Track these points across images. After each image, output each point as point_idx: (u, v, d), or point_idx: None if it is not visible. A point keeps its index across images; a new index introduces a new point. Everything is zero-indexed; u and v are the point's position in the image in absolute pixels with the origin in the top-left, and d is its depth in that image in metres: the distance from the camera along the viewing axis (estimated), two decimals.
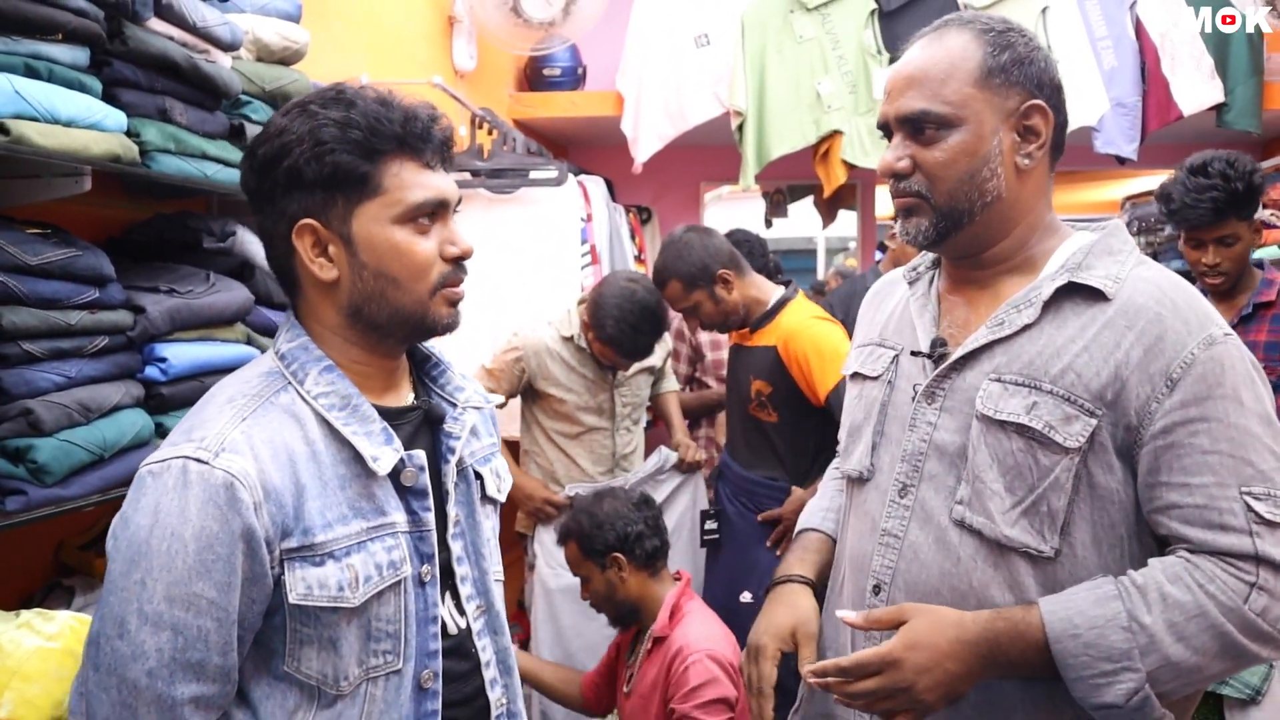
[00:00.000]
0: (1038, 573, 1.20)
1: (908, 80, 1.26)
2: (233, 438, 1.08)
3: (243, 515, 1.05)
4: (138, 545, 1.04)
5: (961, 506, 1.23)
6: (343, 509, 1.12)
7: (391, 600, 1.15)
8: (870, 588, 1.30)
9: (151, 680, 1.03)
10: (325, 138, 1.11)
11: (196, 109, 1.68)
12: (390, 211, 1.14)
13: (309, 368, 1.16)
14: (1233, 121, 3.82)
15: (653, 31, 4.08)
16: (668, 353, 3.34)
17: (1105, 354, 1.18)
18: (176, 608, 1.03)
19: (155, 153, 1.56)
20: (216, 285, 1.71)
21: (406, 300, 1.16)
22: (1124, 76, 3.82)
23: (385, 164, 1.13)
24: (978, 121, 1.24)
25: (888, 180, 1.31)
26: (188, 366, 1.62)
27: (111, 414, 1.46)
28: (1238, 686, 1.83)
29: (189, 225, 1.81)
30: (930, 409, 1.28)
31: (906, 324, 1.38)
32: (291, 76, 1.96)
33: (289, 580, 1.09)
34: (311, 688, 1.12)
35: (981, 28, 1.27)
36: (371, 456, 1.14)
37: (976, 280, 1.33)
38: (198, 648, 1.04)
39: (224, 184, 1.72)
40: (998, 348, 1.24)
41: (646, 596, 2.35)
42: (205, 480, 1.04)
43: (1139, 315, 1.19)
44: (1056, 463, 1.18)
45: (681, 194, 5.07)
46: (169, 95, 1.61)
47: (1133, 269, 1.24)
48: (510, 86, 4.34)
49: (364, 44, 2.92)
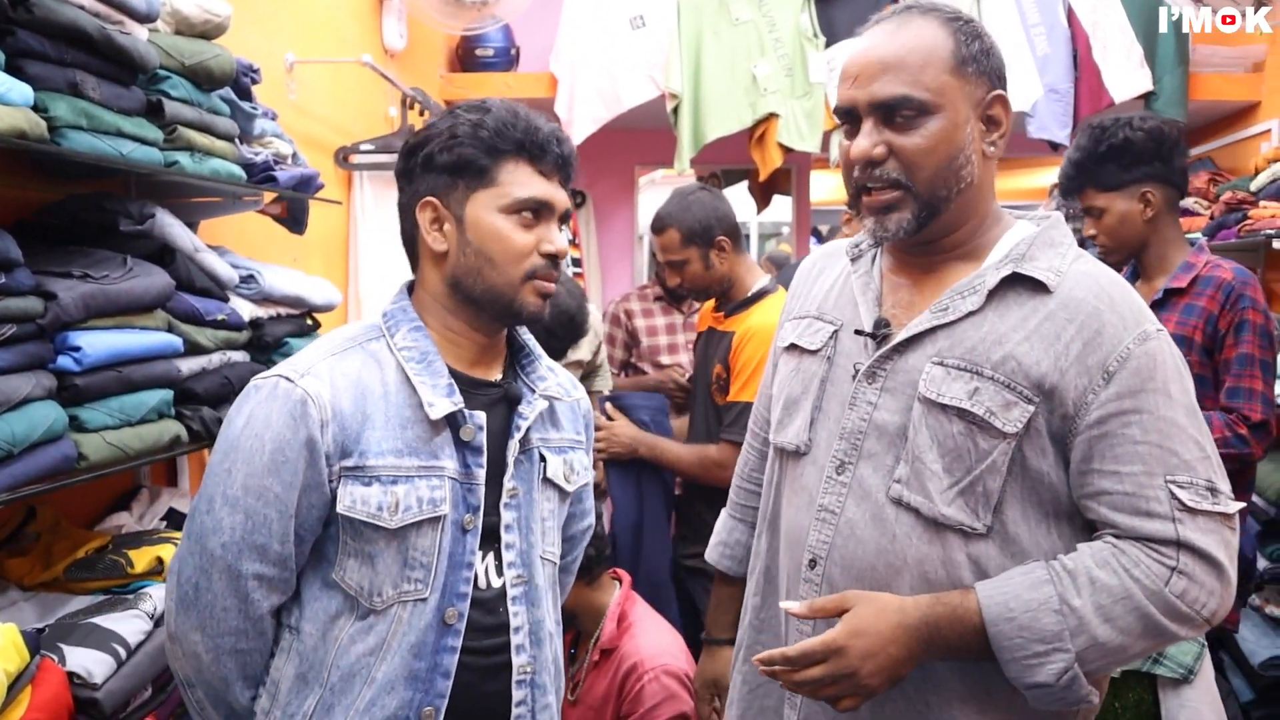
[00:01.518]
0: (970, 548, 1.24)
1: (882, 65, 1.25)
2: (318, 367, 1.31)
3: (309, 428, 1.26)
4: (232, 440, 1.28)
5: (900, 485, 1.26)
6: (398, 444, 1.31)
7: (429, 534, 1.32)
8: (806, 562, 1.33)
9: (225, 552, 1.26)
10: (459, 133, 1.33)
11: (110, 83, 1.59)
12: (499, 201, 1.33)
13: (401, 325, 1.37)
14: (1160, 110, 3.89)
15: (587, 13, 4.03)
16: (597, 347, 3.30)
17: (1046, 345, 1.22)
18: (250, 496, 1.26)
19: (65, 129, 1.47)
20: (134, 270, 1.64)
21: (500, 280, 1.34)
22: (1057, 63, 3.88)
23: (503, 162, 1.33)
24: (954, 109, 1.24)
25: (854, 168, 1.28)
26: (104, 356, 1.54)
27: (21, 407, 1.38)
28: (1171, 666, 1.86)
29: (104, 207, 1.73)
30: (871, 389, 1.30)
31: (847, 300, 1.39)
32: (213, 51, 1.88)
33: (340, 493, 1.28)
34: (351, 598, 1.31)
35: (947, 16, 1.28)
36: (428, 402, 1.32)
37: (922, 264, 1.34)
38: (262, 532, 1.26)
39: (140, 162, 1.63)
40: (940, 332, 1.27)
41: (583, 605, 2.31)
42: (288, 395, 1.27)
43: (1079, 309, 1.22)
44: (994, 446, 1.22)
45: (616, 178, 5.03)
46: (80, 68, 1.52)
47: (1072, 263, 1.27)
48: (442, 67, 4.26)
49: (289, 20, 2.83)
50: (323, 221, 2.94)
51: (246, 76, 2.07)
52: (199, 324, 1.83)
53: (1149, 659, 1.85)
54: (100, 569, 1.67)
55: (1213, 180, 4.06)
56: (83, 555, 1.69)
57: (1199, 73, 4.01)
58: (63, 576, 1.66)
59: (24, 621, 1.52)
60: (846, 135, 1.31)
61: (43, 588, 1.67)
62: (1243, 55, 4.12)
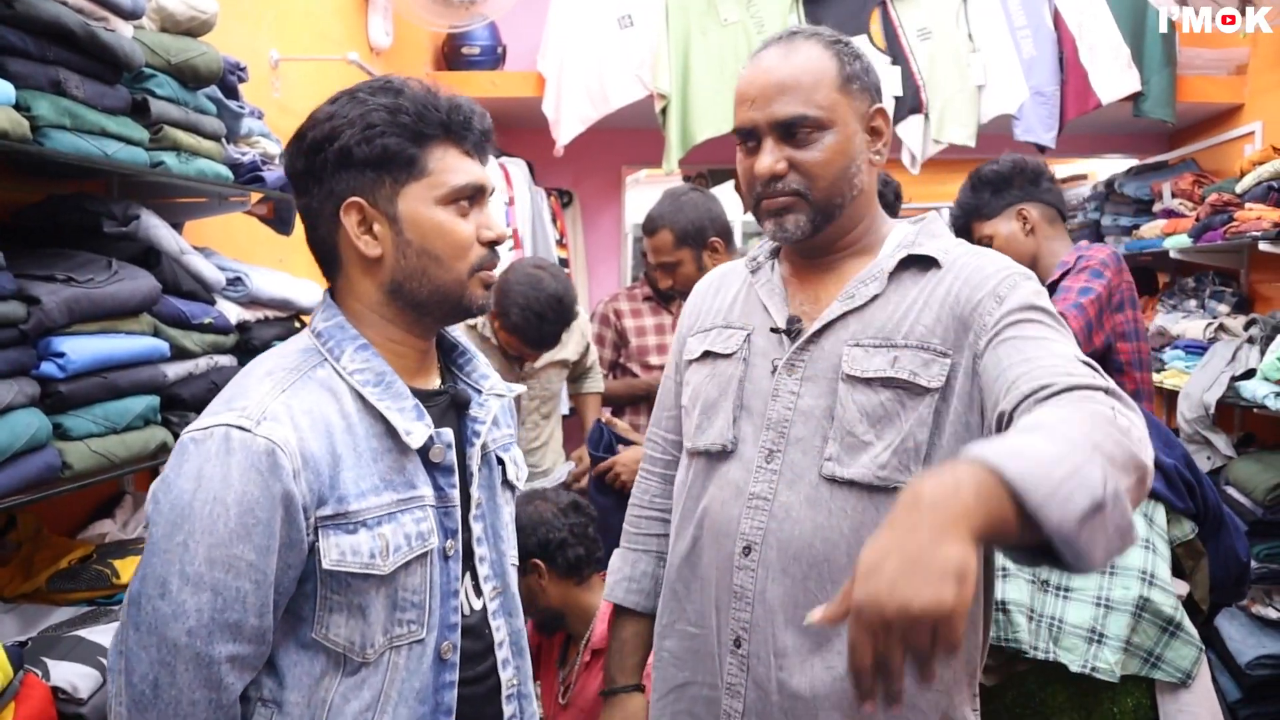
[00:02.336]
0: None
1: (778, 87, 1.35)
2: (273, 408, 1.13)
3: (283, 481, 1.10)
4: (181, 509, 1.08)
5: (831, 463, 1.32)
6: (375, 480, 1.18)
7: (418, 571, 1.21)
8: (740, 550, 1.37)
9: (191, 639, 1.07)
10: (376, 121, 1.18)
11: (94, 81, 1.56)
12: (435, 193, 1.21)
13: (345, 345, 1.22)
14: (1149, 110, 3.91)
15: (575, 12, 4.00)
16: (586, 347, 3.27)
17: (942, 303, 1.32)
18: (217, 569, 1.08)
19: (48, 129, 1.44)
20: (119, 273, 1.61)
21: (448, 277, 1.23)
22: (1043, 65, 3.88)
23: (431, 148, 1.20)
24: (844, 123, 1.36)
25: (755, 183, 1.38)
26: (88, 361, 1.51)
27: (3, 415, 1.34)
28: (1169, 671, 1.86)
29: (88, 208, 1.69)
30: (791, 379, 1.38)
31: (754, 307, 1.47)
32: (199, 49, 1.84)
33: (323, 546, 1.14)
34: (338, 655, 1.17)
35: (829, 40, 1.39)
36: (405, 430, 1.20)
37: (823, 264, 1.44)
38: (236, 608, 1.09)
39: (125, 163, 1.60)
40: (851, 317, 1.36)
41: (572, 604, 2.28)
42: (247, 447, 1.09)
43: (965, 266, 1.35)
44: (920, 402, 1.31)
45: (603, 178, 5.00)
46: (63, 66, 1.49)
47: (956, 245, 1.40)
48: (428, 65, 4.22)
49: (274, 18, 2.79)
50: None
51: (233, 75, 2.04)
52: (185, 328, 1.80)
53: (1148, 664, 1.84)
54: (84, 580, 1.63)
55: (1197, 182, 4.08)
56: (66, 565, 1.65)
57: (1183, 75, 4.02)
58: (45, 587, 1.62)
59: (5, 635, 1.49)
60: (745, 154, 1.40)
61: (24, 599, 1.63)
62: (1226, 58, 4.14)
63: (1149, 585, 1.82)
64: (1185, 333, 3.92)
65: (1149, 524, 1.88)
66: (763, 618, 1.34)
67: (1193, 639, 1.85)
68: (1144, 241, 4.28)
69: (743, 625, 1.36)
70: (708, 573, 1.42)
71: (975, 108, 3.91)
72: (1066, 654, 1.83)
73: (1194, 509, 1.94)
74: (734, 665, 1.37)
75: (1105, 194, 4.74)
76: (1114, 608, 1.82)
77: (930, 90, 3.90)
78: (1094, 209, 4.85)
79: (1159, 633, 1.83)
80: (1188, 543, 1.95)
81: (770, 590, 1.33)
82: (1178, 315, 4.15)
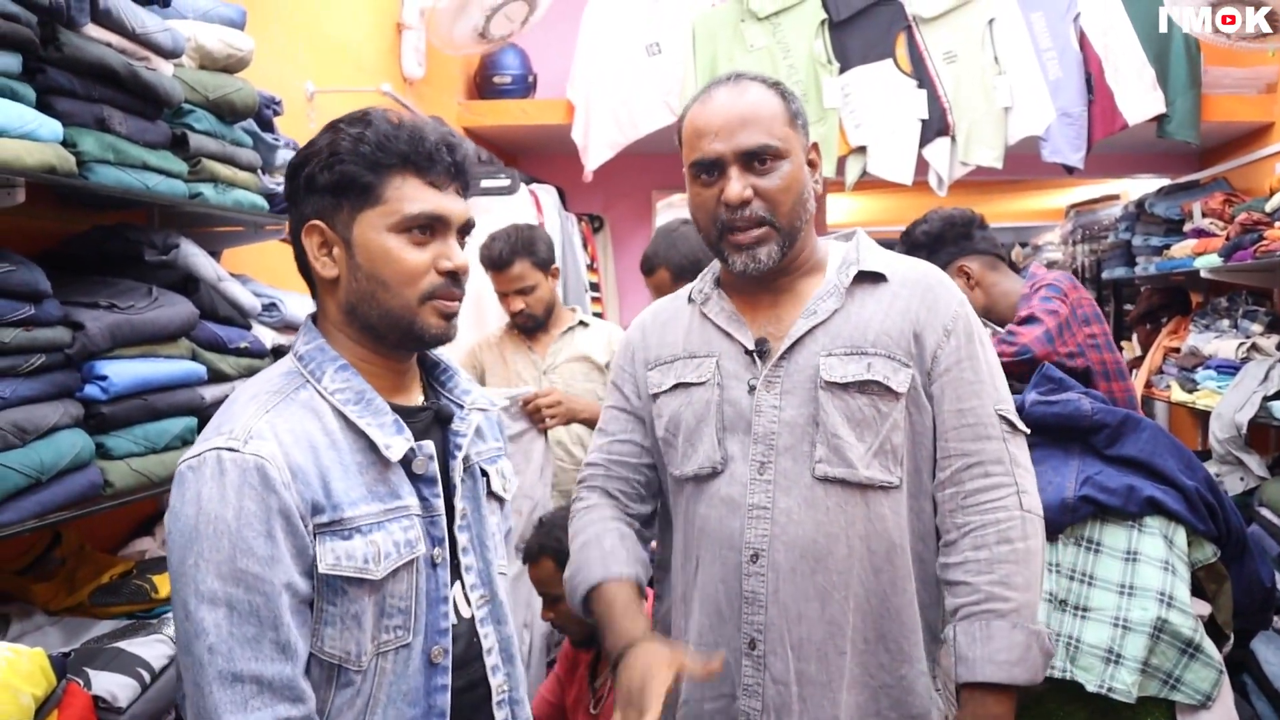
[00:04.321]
0: (890, 500, 1.47)
1: (741, 120, 1.46)
2: (258, 427, 1.17)
3: (277, 492, 1.14)
4: (187, 533, 1.13)
5: (822, 464, 1.46)
6: (362, 492, 1.21)
7: (405, 578, 1.24)
8: (747, 558, 1.47)
9: (213, 656, 1.10)
10: (340, 149, 1.22)
11: (136, 118, 1.63)
12: (387, 220, 1.23)
13: (325, 366, 1.25)
14: (1174, 132, 3.89)
15: (604, 40, 4.06)
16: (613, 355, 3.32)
17: (902, 317, 1.49)
18: (229, 584, 1.11)
19: (93, 163, 1.51)
20: (159, 300, 1.67)
21: (395, 304, 1.24)
22: (1069, 87, 3.88)
23: (389, 177, 1.23)
24: (796, 154, 1.49)
25: (720, 211, 1.47)
26: (129, 384, 1.56)
27: (49, 435, 1.41)
28: (1189, 693, 1.85)
29: (129, 238, 1.76)
30: (771, 395, 1.49)
31: (712, 335, 1.57)
32: (235, 85, 1.91)
33: (320, 552, 1.17)
34: (332, 667, 1.19)
35: (771, 83, 1.52)
36: (384, 444, 1.23)
37: (777, 287, 1.55)
38: (251, 622, 1.12)
39: (165, 195, 1.67)
40: (818, 331, 1.49)
41: None
42: (238, 465, 1.13)
43: (916, 285, 1.52)
44: (893, 407, 1.47)
45: (633, 202, 5.06)
46: (107, 104, 1.56)
47: (893, 259, 1.56)
48: (460, 94, 4.30)
49: (309, 51, 2.86)
50: None
51: (268, 109, 2.11)
52: (222, 352, 1.85)
53: (1167, 685, 1.84)
54: (124, 594, 1.68)
55: (1228, 201, 4.05)
56: (107, 580, 1.71)
57: (1211, 94, 4.00)
58: (87, 601, 1.68)
59: (50, 646, 1.54)
60: (703, 186, 1.50)
61: (67, 612, 1.68)
62: (1255, 76, 4.12)
63: (1167, 607, 1.83)
64: (1218, 352, 3.89)
65: (1169, 546, 1.88)
66: (777, 617, 1.45)
67: (1213, 661, 1.84)
68: (1175, 261, 4.25)
69: (757, 628, 1.46)
70: (711, 587, 1.51)
71: (1002, 129, 3.92)
72: (1083, 673, 1.83)
73: (1216, 532, 1.94)
74: (750, 666, 1.46)
75: (1136, 214, 4.72)
76: (1132, 629, 1.83)
77: (956, 112, 3.91)
78: (1125, 229, 4.83)
79: (1178, 654, 1.83)
80: (1210, 566, 1.95)
81: (783, 590, 1.45)
82: (1210, 335, 4.11)
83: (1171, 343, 4.49)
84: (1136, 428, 1.93)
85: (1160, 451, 1.91)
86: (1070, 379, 2.00)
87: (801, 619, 1.44)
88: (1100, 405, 1.94)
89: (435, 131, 1.26)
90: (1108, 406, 1.95)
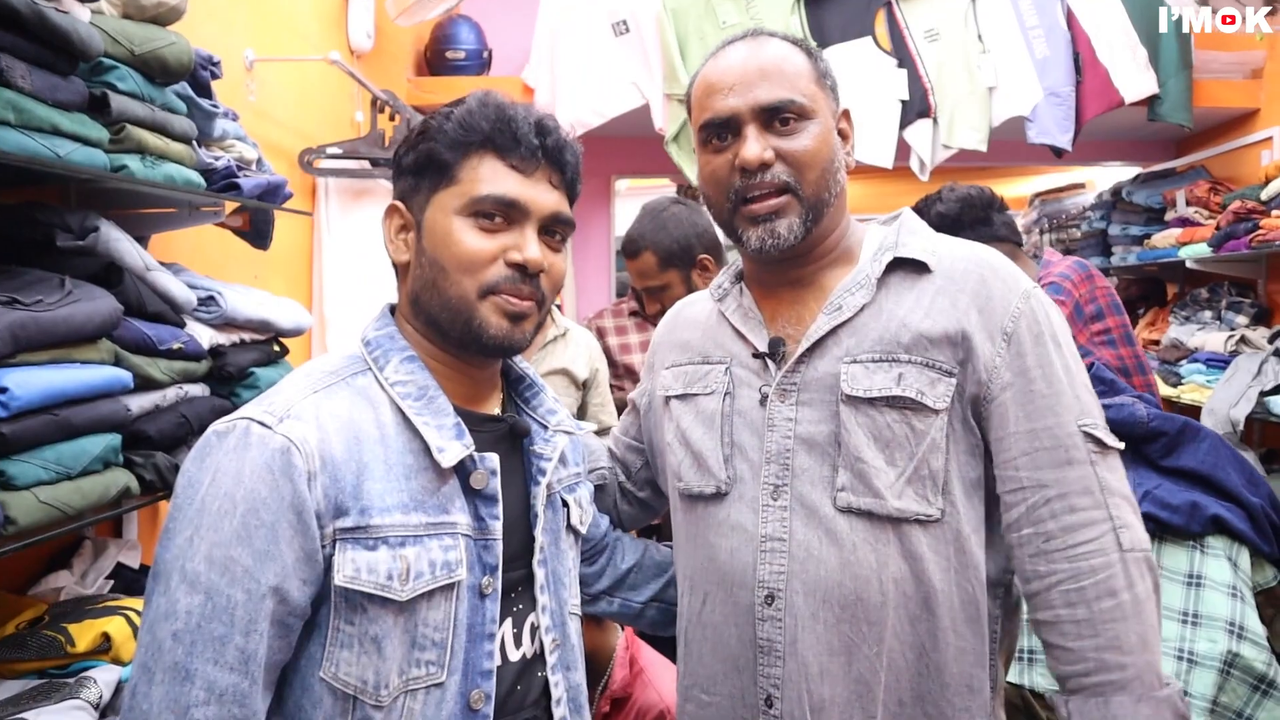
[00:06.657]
0: (928, 537, 1.24)
1: (760, 73, 1.28)
2: (300, 407, 1.08)
3: (294, 483, 1.03)
4: (196, 502, 1.03)
5: (845, 493, 1.24)
6: (404, 498, 1.10)
7: (441, 605, 1.11)
8: (761, 599, 1.27)
9: (175, 644, 0.99)
10: (429, 127, 1.17)
11: (45, 71, 1.38)
12: (458, 201, 1.14)
13: (391, 355, 1.17)
14: (1166, 114, 3.78)
15: (567, 16, 3.85)
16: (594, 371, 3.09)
17: (946, 318, 1.26)
18: (214, 570, 1.01)
19: None
20: (74, 293, 1.44)
21: (453, 293, 1.14)
22: (1057, 66, 3.75)
23: (467, 156, 1.15)
24: (825, 115, 1.30)
25: (734, 178, 1.28)
26: (37, 397, 1.32)
27: None
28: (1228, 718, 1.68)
29: (38, 219, 1.53)
30: (785, 406, 1.29)
31: (726, 336, 1.40)
32: (168, 38, 1.65)
33: (338, 561, 1.05)
34: (347, 698, 1.06)
35: (793, 40, 1.34)
36: (437, 447, 1.12)
37: (799, 279, 1.36)
38: (223, 619, 1.00)
39: (82, 166, 1.43)
40: (842, 332, 1.28)
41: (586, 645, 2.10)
42: (264, 443, 1.04)
43: (966, 279, 1.28)
44: (930, 425, 1.24)
45: (592, 186, 4.84)
46: (7, 52, 1.31)
47: (939, 242, 1.33)
48: (409, 70, 4.03)
49: (248, 13, 2.61)
50: (285, 235, 2.70)
51: (206, 70, 1.85)
52: (151, 354, 1.63)
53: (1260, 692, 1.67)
54: (34, 647, 1.43)
55: (1214, 189, 3.96)
56: (13, 630, 1.47)
57: (1198, 78, 3.90)
58: None
59: None
60: (715, 151, 1.30)
61: None
62: (1241, 61, 4.03)
63: (1238, 639, 1.65)
64: (1205, 345, 3.80)
65: (1234, 569, 1.71)
66: (795, 672, 1.24)
67: None
68: (1157, 251, 4.16)
69: (774, 683, 1.25)
70: (723, 630, 1.31)
71: (986, 110, 3.77)
72: None
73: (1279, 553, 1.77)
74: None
75: (1112, 202, 4.63)
76: (1199, 663, 1.64)
77: (939, 93, 3.75)
78: (1100, 218, 4.73)
79: (1250, 691, 1.66)
80: (1268, 590, 1.78)
81: (802, 640, 1.24)
82: (1193, 327, 4.02)
83: (1150, 335, 4.40)
84: (1196, 436, 1.75)
85: (1223, 464, 1.73)
86: (1122, 381, 1.81)
87: (824, 676, 1.23)
88: (1156, 411, 1.76)
89: (530, 112, 1.18)
90: (1165, 413, 1.76)
